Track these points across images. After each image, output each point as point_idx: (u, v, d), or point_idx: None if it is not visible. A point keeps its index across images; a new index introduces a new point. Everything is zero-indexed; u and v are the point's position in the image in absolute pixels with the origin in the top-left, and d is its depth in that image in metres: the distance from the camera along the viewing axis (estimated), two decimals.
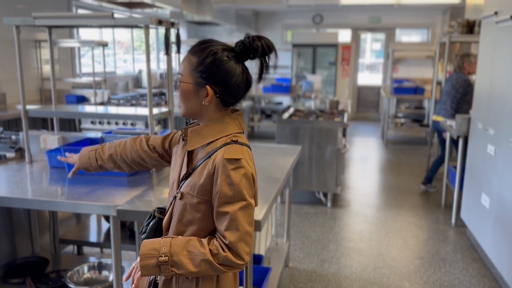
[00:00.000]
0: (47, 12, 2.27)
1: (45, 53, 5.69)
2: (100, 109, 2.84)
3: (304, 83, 8.03)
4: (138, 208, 1.82)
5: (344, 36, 10.65)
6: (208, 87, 1.24)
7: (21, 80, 2.40)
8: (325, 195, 4.61)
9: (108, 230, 2.98)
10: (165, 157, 1.56)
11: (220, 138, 1.27)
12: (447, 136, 4.43)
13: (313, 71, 10.22)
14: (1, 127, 3.64)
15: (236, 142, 1.26)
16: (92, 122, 4.62)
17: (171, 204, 1.33)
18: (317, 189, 4.52)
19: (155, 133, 2.42)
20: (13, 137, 2.88)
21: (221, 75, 1.23)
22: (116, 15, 2.19)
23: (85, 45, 5.83)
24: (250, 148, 1.32)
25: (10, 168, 2.38)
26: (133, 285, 1.29)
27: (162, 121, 5.05)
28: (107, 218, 3.00)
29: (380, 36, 11.00)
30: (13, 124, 4.58)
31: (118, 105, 5.31)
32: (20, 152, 2.57)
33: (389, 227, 3.99)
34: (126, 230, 2.81)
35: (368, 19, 10.36)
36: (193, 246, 1.21)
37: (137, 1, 5.95)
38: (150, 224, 1.37)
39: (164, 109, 2.53)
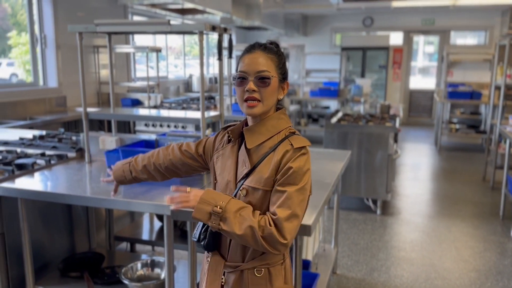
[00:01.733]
0: (106, 19, 2.38)
1: (103, 58, 5.98)
2: (155, 112, 2.95)
3: (353, 87, 7.90)
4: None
5: (396, 38, 10.38)
6: (287, 82, 1.41)
7: (82, 84, 2.54)
8: (374, 202, 4.51)
9: (160, 229, 3.07)
10: (199, 162, 1.60)
11: (278, 133, 1.37)
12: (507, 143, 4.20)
13: (363, 75, 10.03)
14: (62, 128, 3.87)
15: (294, 133, 1.37)
16: (145, 125, 4.79)
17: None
18: (365, 196, 4.43)
19: (206, 135, 2.48)
20: (74, 138, 3.06)
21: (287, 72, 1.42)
22: (171, 22, 2.27)
23: (140, 51, 6.06)
24: None
25: (71, 167, 2.52)
26: (178, 204, 1.33)
27: (211, 124, 5.15)
28: (159, 217, 3.10)
29: (433, 39, 10.62)
30: (72, 125, 4.84)
31: (170, 108, 5.47)
32: (80, 152, 2.72)
33: (442, 237, 3.84)
34: (177, 229, 2.88)
35: (421, 21, 10.04)
36: (246, 212, 1.28)
37: (189, 7, 6.13)
38: (208, 229, 1.40)
39: (215, 113, 2.58)
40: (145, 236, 3.06)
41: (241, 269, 1.38)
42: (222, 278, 1.40)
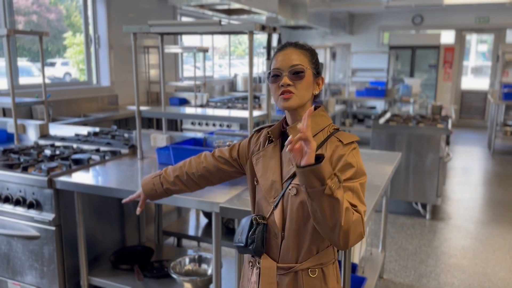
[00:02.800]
0: (156, 20, 2.45)
1: (152, 58, 6.15)
2: (202, 111, 3.00)
3: (401, 87, 7.67)
4: (237, 206, 1.88)
5: (447, 37, 9.98)
6: (323, 77, 1.41)
7: (136, 83, 2.62)
8: (423, 206, 4.36)
9: (206, 225, 3.12)
10: (234, 167, 1.57)
11: (322, 130, 1.36)
12: None
13: (411, 74, 9.73)
14: (114, 125, 4.02)
15: (338, 129, 1.38)
16: (192, 123, 4.89)
17: (277, 204, 1.34)
18: (414, 200, 4.29)
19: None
20: (126, 135, 3.16)
21: (320, 70, 1.42)
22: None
23: (187, 51, 6.19)
24: None
25: (124, 163, 2.61)
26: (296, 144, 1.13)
27: (258, 123, 5.17)
28: (205, 214, 3.15)
29: (487, 37, 10.13)
30: (123, 123, 5.02)
31: (215, 107, 5.55)
32: (132, 149, 2.81)
33: (496, 245, 3.65)
34: (222, 226, 2.92)
35: (474, 19, 9.59)
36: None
37: (236, 8, 6.18)
38: (256, 232, 1.36)
39: (260, 112, 2.59)
40: (191, 231, 3.12)
41: (295, 270, 1.34)
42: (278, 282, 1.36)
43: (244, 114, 2.57)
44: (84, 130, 3.35)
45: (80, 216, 2.32)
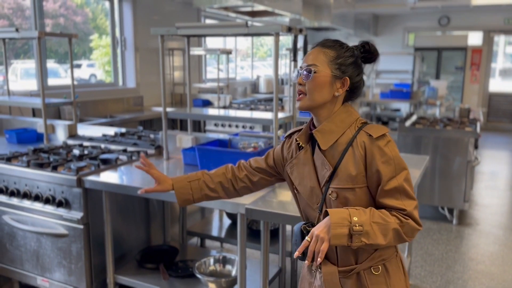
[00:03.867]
0: (181, 22, 2.47)
1: (176, 60, 6.22)
2: (225, 112, 3.01)
3: (427, 89, 7.52)
4: (262, 208, 1.88)
5: (474, 38, 9.76)
6: (347, 78, 1.31)
7: (163, 84, 2.65)
8: (450, 211, 4.26)
9: (229, 226, 3.13)
10: (273, 175, 1.54)
11: (349, 126, 1.32)
12: None
13: (437, 76, 9.54)
14: (140, 126, 4.07)
15: (366, 123, 1.32)
16: (215, 125, 4.91)
17: (321, 210, 1.32)
18: (440, 204, 4.20)
19: (278, 137, 2.48)
20: (152, 135, 3.20)
21: (354, 70, 1.33)
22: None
23: (211, 53, 6.23)
24: None
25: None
26: (319, 260, 1.22)
27: (281, 125, 5.17)
28: (229, 215, 3.16)
29: None
30: (148, 124, 5.09)
31: (238, 109, 5.57)
32: (158, 149, 2.84)
33: None
34: (246, 228, 2.92)
35: (503, 20, 9.35)
36: (377, 216, 1.20)
37: (259, 10, 6.19)
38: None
39: (287, 114, 2.58)
40: (214, 232, 3.13)
41: (357, 271, 1.31)
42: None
43: (267, 115, 2.57)
44: (111, 131, 3.41)
45: (108, 215, 2.36)
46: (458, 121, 4.64)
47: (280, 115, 2.50)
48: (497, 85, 10.10)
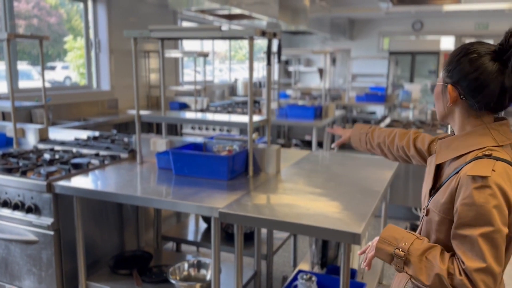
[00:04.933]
0: (156, 24, 2.46)
1: (152, 62, 6.17)
2: (202, 116, 3.00)
3: (401, 92, 7.68)
4: (237, 211, 1.88)
5: (447, 43, 10.01)
6: (449, 86, 1.16)
7: (136, 87, 2.62)
8: None
9: (205, 230, 3.11)
10: (423, 160, 1.56)
11: (472, 151, 1.15)
12: None
13: (411, 80, 9.75)
14: (113, 129, 4.02)
15: (489, 156, 1.10)
16: (192, 128, 4.89)
17: (421, 219, 1.30)
18: (414, 205, 4.29)
19: (253, 140, 2.49)
20: (126, 139, 3.16)
21: (464, 72, 1.13)
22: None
23: (188, 56, 6.20)
24: (511, 164, 1.11)
25: (123, 167, 2.61)
26: (364, 263, 1.33)
27: (259, 128, 5.17)
28: (205, 219, 3.14)
29: None
30: (123, 127, 5.02)
31: (215, 112, 5.56)
32: (132, 153, 2.81)
33: None
34: (222, 231, 2.91)
35: (474, 25, 9.63)
36: (433, 256, 1.13)
37: (236, 13, 6.20)
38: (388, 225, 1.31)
39: (260, 117, 2.59)
40: (190, 237, 3.11)
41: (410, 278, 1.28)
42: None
43: (244, 119, 2.58)
44: (83, 134, 3.35)
45: (79, 221, 2.31)
46: (430, 124, 4.75)
47: (256, 118, 2.51)
48: None
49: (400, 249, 1.15)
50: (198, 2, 4.78)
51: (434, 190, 1.23)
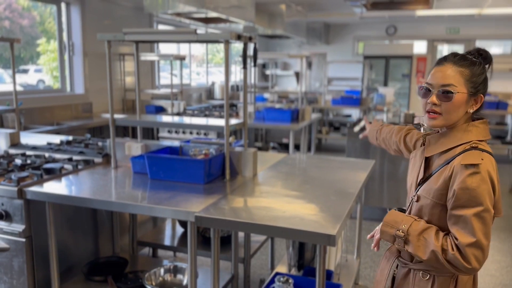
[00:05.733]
0: (131, 27, 2.44)
1: (128, 65, 6.10)
2: (179, 120, 2.99)
3: (376, 96, 7.82)
4: (213, 215, 1.87)
5: (419, 47, 10.26)
6: (481, 95, 1.35)
7: (110, 91, 2.59)
8: None
9: (182, 235, 3.09)
10: (409, 151, 1.73)
11: (460, 145, 1.34)
12: None
13: (385, 83, 9.93)
14: (88, 134, 3.95)
15: (475, 148, 1.30)
16: (169, 131, 4.85)
17: (409, 205, 1.47)
18: (388, 206, 4.36)
19: (230, 144, 2.49)
20: (100, 143, 3.12)
21: (485, 85, 1.37)
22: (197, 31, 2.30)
23: (164, 59, 6.16)
24: (492, 155, 1.32)
25: (97, 172, 2.57)
26: (373, 244, 1.52)
27: (236, 131, 5.18)
28: (181, 223, 3.12)
29: (458, 48, 10.45)
30: (98, 131, 4.94)
31: (192, 115, 5.54)
32: (106, 158, 2.77)
33: None
34: (199, 236, 2.90)
35: (445, 30, 9.90)
36: (429, 235, 1.31)
37: (213, 16, 6.20)
38: (390, 210, 1.49)
39: (237, 121, 2.60)
40: (167, 241, 3.08)
41: (409, 267, 1.44)
42: (395, 270, 1.48)
43: (221, 122, 2.58)
44: (56, 139, 3.28)
45: (52, 227, 2.26)
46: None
47: (232, 121, 2.52)
48: None
49: (400, 231, 1.33)
50: (173, 6, 4.75)
51: (423, 179, 1.41)
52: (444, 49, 10.65)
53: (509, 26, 9.40)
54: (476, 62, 1.34)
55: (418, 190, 1.40)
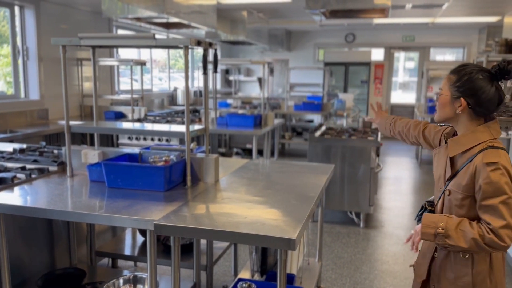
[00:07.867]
0: (90, 32, 2.39)
1: (86, 70, 5.94)
2: (139, 126, 2.93)
3: (336, 101, 7.99)
4: (174, 223, 1.85)
5: (377, 54, 10.58)
6: (462, 99, 1.58)
7: (65, 97, 2.51)
8: (357, 215, 4.54)
9: (142, 244, 3.03)
10: (431, 147, 1.92)
11: (477, 145, 1.58)
12: None
13: (345, 90, 10.17)
14: (43, 141, 3.81)
15: (492, 147, 1.55)
16: (129, 138, 4.75)
17: (440, 197, 1.70)
18: (349, 209, 4.46)
19: (191, 150, 2.47)
20: (55, 151, 3.01)
21: (473, 90, 1.56)
22: (156, 36, 2.28)
23: (124, 64, 6.04)
24: (505, 150, 1.57)
25: (52, 181, 2.48)
26: (414, 247, 1.73)
27: (199, 137, 5.13)
28: (142, 232, 3.06)
29: (414, 55, 10.87)
30: (54, 138, 4.78)
31: (154, 121, 5.45)
32: (62, 166, 2.68)
33: None
34: (160, 244, 2.85)
35: (401, 37, 10.28)
36: (464, 226, 1.53)
37: (174, 22, 6.15)
38: (423, 214, 1.68)
39: (200, 126, 2.58)
40: (127, 251, 3.01)
41: (448, 249, 1.64)
42: (435, 253, 1.71)
43: (182, 128, 2.55)
44: (9, 147, 3.14)
45: (3, 239, 2.16)
46: (362, 131, 4.98)
47: (194, 127, 2.50)
48: (398, 97, 11.02)
49: (440, 228, 1.55)
50: (133, 10, 4.68)
51: (451, 175, 1.65)
52: (401, 56, 11.04)
53: (460, 34, 9.88)
54: (467, 71, 1.58)
55: (447, 185, 1.65)
